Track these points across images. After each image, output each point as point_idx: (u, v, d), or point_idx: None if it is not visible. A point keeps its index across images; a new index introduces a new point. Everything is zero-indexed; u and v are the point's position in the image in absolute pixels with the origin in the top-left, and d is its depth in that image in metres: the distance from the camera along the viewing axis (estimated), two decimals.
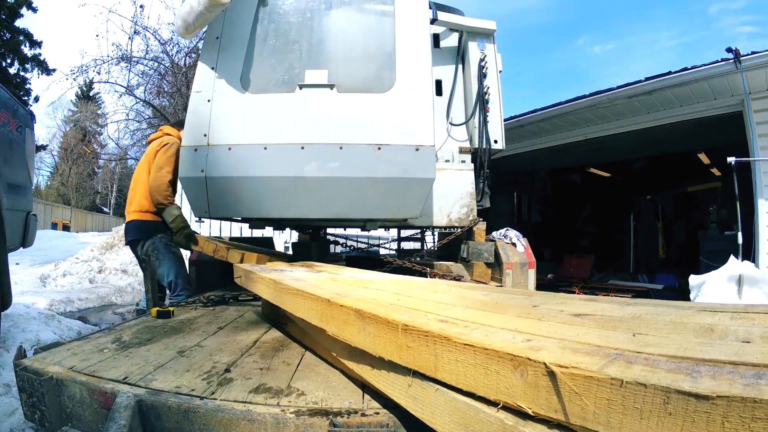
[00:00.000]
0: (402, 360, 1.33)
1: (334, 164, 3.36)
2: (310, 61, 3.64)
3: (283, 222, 4.51)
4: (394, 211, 3.53)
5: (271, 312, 2.96)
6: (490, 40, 4.55)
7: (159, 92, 16.18)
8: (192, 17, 3.46)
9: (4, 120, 3.68)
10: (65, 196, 38.04)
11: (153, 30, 15.20)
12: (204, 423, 1.53)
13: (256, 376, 1.86)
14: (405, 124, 3.38)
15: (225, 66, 3.63)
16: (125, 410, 1.53)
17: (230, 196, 3.52)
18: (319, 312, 1.79)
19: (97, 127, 33.70)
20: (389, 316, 1.39)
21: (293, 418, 1.49)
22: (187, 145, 3.52)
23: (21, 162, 3.98)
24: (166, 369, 1.92)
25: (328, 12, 3.80)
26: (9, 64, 25.13)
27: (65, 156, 36.83)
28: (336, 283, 2.33)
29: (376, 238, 11.59)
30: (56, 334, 4.75)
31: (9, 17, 24.43)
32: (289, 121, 3.44)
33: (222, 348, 2.29)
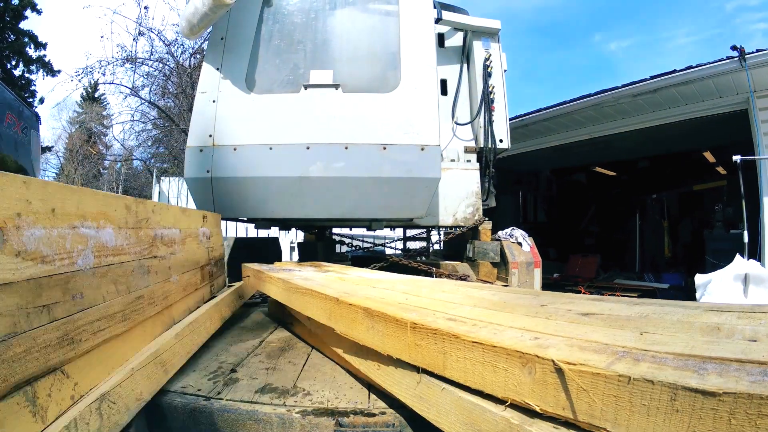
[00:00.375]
0: (411, 358, 1.33)
1: (340, 164, 3.37)
2: (314, 62, 3.65)
3: (288, 222, 4.52)
4: (399, 210, 3.53)
5: (277, 311, 2.97)
6: (495, 40, 4.55)
7: (164, 93, 16.24)
8: (197, 18, 3.48)
9: (10, 121, 3.71)
10: None
11: (158, 31, 15.26)
12: (210, 423, 1.54)
13: (262, 376, 1.87)
14: (410, 123, 3.38)
15: (230, 67, 3.65)
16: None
17: (236, 197, 3.53)
18: (327, 311, 1.80)
19: (102, 129, 33.85)
20: (398, 314, 1.39)
21: (299, 417, 1.50)
22: (193, 145, 3.54)
23: (26, 163, 4.01)
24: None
25: (332, 12, 3.81)
26: (14, 65, 25.24)
27: (71, 157, 36.94)
28: (344, 282, 2.34)
29: (382, 238, 11.59)
30: None
31: (13, 19, 24.55)
32: (294, 122, 3.45)
33: (228, 348, 2.30)
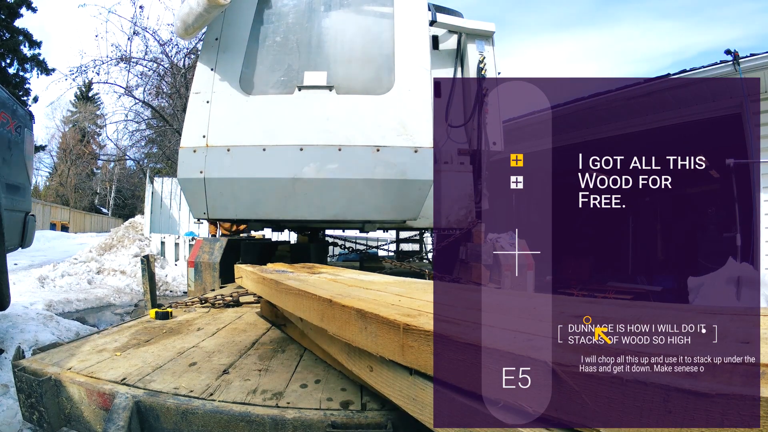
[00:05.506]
0: (403, 359, 1.33)
1: (333, 166, 3.37)
2: (309, 63, 3.65)
3: (281, 223, 4.52)
4: (392, 212, 3.53)
5: (269, 313, 2.96)
6: (489, 42, 4.57)
7: (158, 93, 16.20)
8: (191, 18, 3.47)
9: (3, 120, 3.68)
10: (64, 197, 37.96)
11: (152, 31, 15.27)
12: (202, 424, 1.53)
13: (254, 377, 1.86)
14: (404, 125, 3.38)
15: (224, 67, 3.63)
16: (124, 411, 1.53)
17: (229, 197, 3.52)
18: (320, 312, 1.79)
19: (96, 128, 33.73)
20: (391, 315, 1.39)
21: (291, 419, 1.49)
22: (186, 146, 3.52)
23: (20, 162, 3.97)
24: (165, 370, 1.92)
25: (327, 13, 3.80)
26: (8, 64, 25.12)
27: (64, 156, 36.78)
28: (337, 284, 2.33)
29: (375, 240, 11.59)
30: (54, 335, 4.73)
31: (8, 17, 24.42)
32: (288, 123, 3.45)
33: (221, 349, 2.29)
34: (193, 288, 4.52)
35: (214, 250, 4.74)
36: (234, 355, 2.19)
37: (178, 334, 2.60)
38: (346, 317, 1.60)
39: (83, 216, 36.05)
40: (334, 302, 1.68)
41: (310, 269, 3.27)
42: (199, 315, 3.22)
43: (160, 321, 2.97)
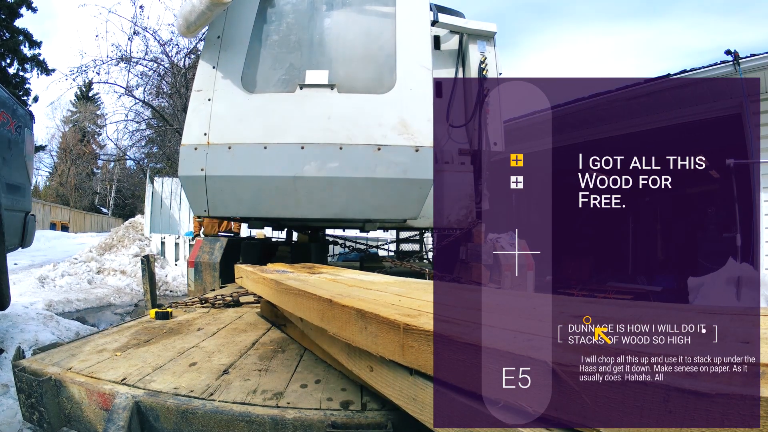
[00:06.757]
0: (403, 359, 1.33)
1: (334, 164, 3.37)
2: (310, 62, 3.65)
3: (282, 222, 4.52)
4: (393, 211, 3.53)
5: (270, 313, 2.96)
6: (490, 43, 4.57)
7: (158, 93, 16.19)
8: (193, 16, 3.47)
9: (3, 120, 3.68)
10: (64, 197, 37.95)
11: (153, 30, 15.24)
12: (202, 424, 1.53)
13: (254, 377, 1.86)
14: (405, 125, 3.38)
15: (226, 65, 3.64)
16: (124, 411, 1.53)
17: (229, 196, 3.52)
18: (320, 312, 1.79)
19: (96, 128, 33.73)
20: (391, 315, 1.39)
21: (292, 419, 1.49)
22: (187, 143, 3.52)
23: (20, 162, 3.97)
24: (165, 370, 1.92)
25: (329, 13, 3.81)
26: (8, 64, 25.13)
27: (64, 156, 36.78)
28: (337, 284, 2.33)
29: (375, 240, 11.60)
30: (55, 335, 4.74)
31: (9, 17, 24.43)
32: (290, 121, 3.45)
33: (221, 349, 2.29)
34: (194, 288, 4.52)
35: (214, 250, 4.74)
36: (234, 355, 2.18)
37: (178, 334, 2.60)
38: (346, 317, 1.60)
39: (83, 216, 36.05)
40: (334, 302, 1.68)
41: (311, 269, 3.27)
42: (199, 315, 3.22)
43: (161, 321, 2.97)
